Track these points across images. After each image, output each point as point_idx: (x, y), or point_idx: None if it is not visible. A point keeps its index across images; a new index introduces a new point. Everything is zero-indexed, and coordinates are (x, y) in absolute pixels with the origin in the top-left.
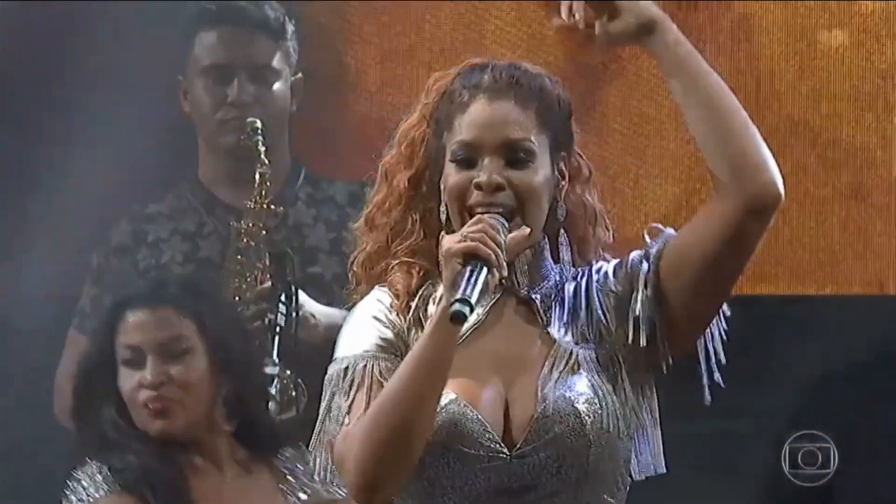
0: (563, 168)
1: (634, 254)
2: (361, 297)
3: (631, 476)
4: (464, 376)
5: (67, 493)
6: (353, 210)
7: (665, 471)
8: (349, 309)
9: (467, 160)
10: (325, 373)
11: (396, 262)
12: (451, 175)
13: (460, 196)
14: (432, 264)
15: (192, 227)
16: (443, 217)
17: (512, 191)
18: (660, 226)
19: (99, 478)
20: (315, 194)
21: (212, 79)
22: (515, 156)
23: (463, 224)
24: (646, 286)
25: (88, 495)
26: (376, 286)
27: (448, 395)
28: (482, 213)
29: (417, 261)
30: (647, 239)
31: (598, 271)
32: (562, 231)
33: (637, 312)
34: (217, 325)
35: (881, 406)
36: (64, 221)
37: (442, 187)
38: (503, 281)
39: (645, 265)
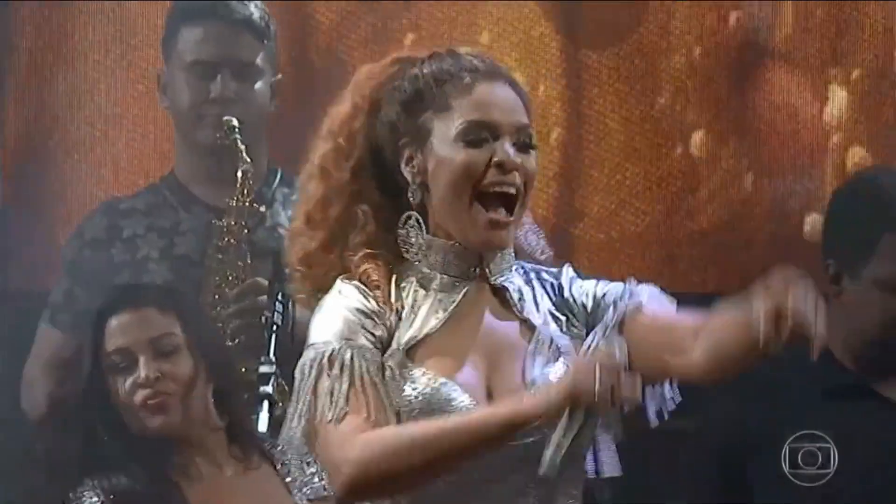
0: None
1: (610, 290)
2: (308, 297)
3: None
4: (448, 359)
5: None
6: None
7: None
8: None
9: (479, 140)
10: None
11: (360, 254)
12: (459, 154)
13: (474, 174)
14: (394, 256)
15: (167, 223)
16: (413, 199)
17: (521, 173)
18: (636, 285)
19: (95, 500)
20: (291, 195)
21: (195, 74)
22: (523, 140)
23: (467, 220)
24: (604, 330)
25: None
26: (341, 279)
27: (438, 378)
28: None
29: (381, 252)
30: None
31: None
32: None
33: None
34: (198, 323)
35: None
36: None
37: (425, 168)
38: (475, 269)
39: (610, 312)
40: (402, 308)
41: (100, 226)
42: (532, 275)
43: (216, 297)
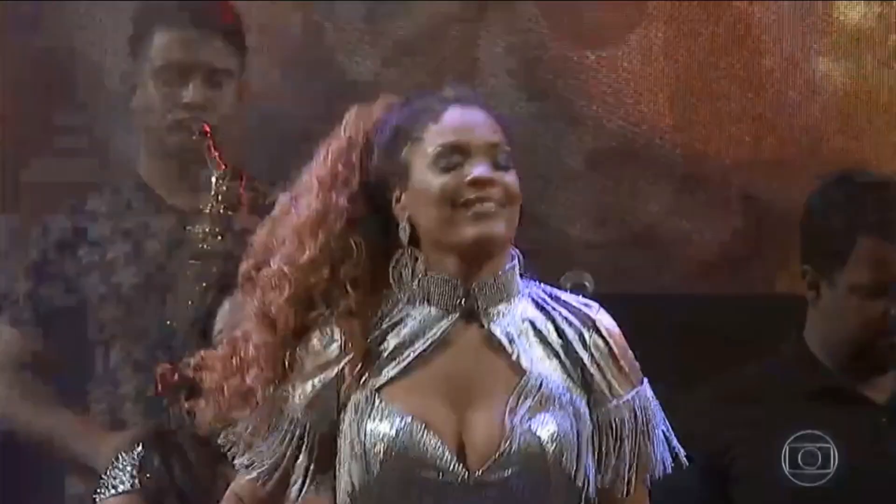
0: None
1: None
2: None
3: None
4: (418, 398)
5: (106, 474)
6: None
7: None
8: None
9: (454, 164)
10: None
11: (337, 313)
12: (435, 179)
13: (449, 197)
14: (377, 291)
15: (133, 226)
16: (403, 236)
17: (501, 189)
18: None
19: (129, 471)
20: (257, 199)
21: (165, 79)
22: (497, 158)
23: (453, 226)
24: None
25: (114, 485)
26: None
27: (404, 417)
28: (479, 203)
29: (357, 314)
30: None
31: (563, 307)
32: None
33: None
34: None
35: None
36: None
37: (408, 203)
38: (464, 301)
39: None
40: (383, 346)
41: (65, 228)
42: (551, 303)
43: (189, 302)
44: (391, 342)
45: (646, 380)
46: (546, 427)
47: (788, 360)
